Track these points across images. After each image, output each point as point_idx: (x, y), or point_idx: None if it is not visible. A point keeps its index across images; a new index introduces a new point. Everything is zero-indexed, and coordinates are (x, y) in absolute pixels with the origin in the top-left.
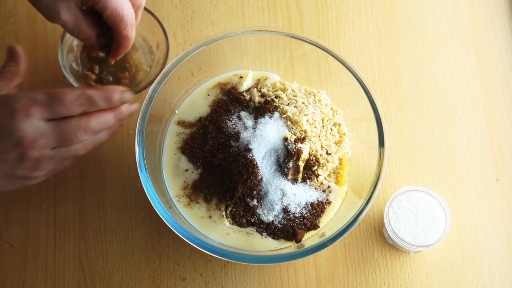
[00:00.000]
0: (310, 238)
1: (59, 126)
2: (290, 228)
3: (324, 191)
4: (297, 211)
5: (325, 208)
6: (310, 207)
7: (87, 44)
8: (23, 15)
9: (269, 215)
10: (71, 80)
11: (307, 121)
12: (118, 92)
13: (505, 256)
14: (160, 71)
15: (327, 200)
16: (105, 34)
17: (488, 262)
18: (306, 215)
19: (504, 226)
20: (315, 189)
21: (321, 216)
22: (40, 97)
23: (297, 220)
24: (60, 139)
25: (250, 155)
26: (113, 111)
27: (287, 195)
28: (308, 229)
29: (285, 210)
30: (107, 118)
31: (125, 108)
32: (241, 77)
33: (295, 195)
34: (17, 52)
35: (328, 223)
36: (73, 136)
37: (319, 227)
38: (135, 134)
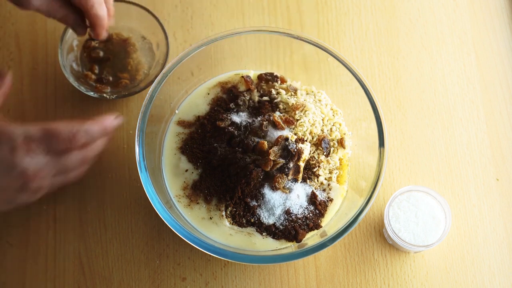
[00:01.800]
0: (310, 238)
1: (59, 158)
2: (292, 229)
3: (324, 190)
4: (300, 212)
5: (327, 206)
6: (312, 208)
7: (69, 23)
8: (23, 15)
9: (269, 219)
10: (71, 80)
11: (308, 121)
12: (111, 120)
13: (505, 256)
14: (160, 71)
15: (328, 197)
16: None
17: (488, 262)
18: (308, 215)
19: (504, 226)
20: (315, 189)
21: (323, 216)
22: (37, 133)
23: (299, 221)
24: (60, 169)
25: (250, 155)
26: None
27: (290, 197)
28: (311, 229)
29: (287, 212)
30: (100, 142)
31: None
32: (242, 76)
33: (298, 197)
34: (2, 74)
35: (329, 222)
36: (73, 166)
37: (321, 226)
38: (135, 134)
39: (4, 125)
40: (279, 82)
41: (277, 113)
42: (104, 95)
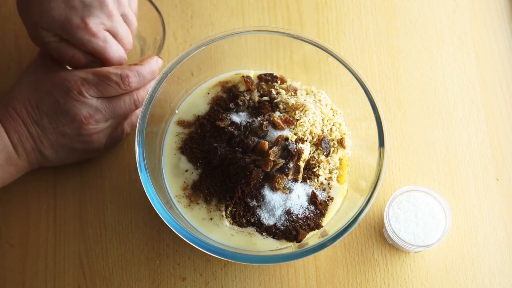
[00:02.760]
0: (310, 238)
1: (111, 102)
2: (293, 229)
3: (324, 189)
4: (300, 212)
5: (327, 205)
6: (313, 207)
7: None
8: None
9: (269, 220)
10: None
11: (308, 121)
12: (155, 61)
13: (505, 256)
14: (157, 54)
15: (329, 196)
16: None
17: (488, 262)
18: (309, 215)
19: (504, 226)
20: (315, 188)
21: (324, 216)
22: (89, 76)
23: (300, 221)
24: (114, 113)
25: (250, 155)
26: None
27: (290, 198)
28: (312, 229)
29: (288, 212)
30: (148, 87)
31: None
32: (242, 76)
33: (299, 197)
34: None
35: (329, 222)
36: (126, 109)
37: (322, 226)
38: (135, 134)
39: (61, 71)
40: (279, 82)
41: (277, 113)
42: None
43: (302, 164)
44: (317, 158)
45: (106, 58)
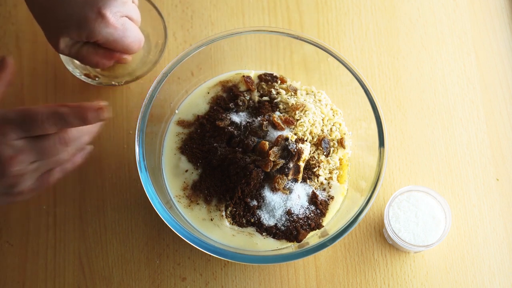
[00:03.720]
0: (310, 238)
1: (37, 142)
2: (294, 229)
3: (324, 189)
4: (301, 212)
5: (328, 205)
6: (313, 207)
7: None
8: (23, 15)
9: (270, 220)
10: (77, 73)
11: (308, 121)
12: (92, 110)
13: (505, 256)
14: (154, 66)
15: (329, 196)
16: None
17: (488, 262)
18: (310, 215)
19: (504, 226)
20: (315, 188)
21: (324, 216)
22: (12, 115)
23: (301, 221)
24: (40, 154)
25: (250, 155)
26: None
27: (291, 198)
28: (312, 229)
29: (289, 212)
30: (86, 129)
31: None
32: (243, 76)
33: (299, 197)
34: (6, 62)
35: (330, 221)
36: (53, 150)
37: (323, 226)
38: (135, 134)
39: None
40: (279, 82)
41: (277, 113)
42: (98, 79)
43: (302, 164)
44: (317, 158)
45: (126, 45)
